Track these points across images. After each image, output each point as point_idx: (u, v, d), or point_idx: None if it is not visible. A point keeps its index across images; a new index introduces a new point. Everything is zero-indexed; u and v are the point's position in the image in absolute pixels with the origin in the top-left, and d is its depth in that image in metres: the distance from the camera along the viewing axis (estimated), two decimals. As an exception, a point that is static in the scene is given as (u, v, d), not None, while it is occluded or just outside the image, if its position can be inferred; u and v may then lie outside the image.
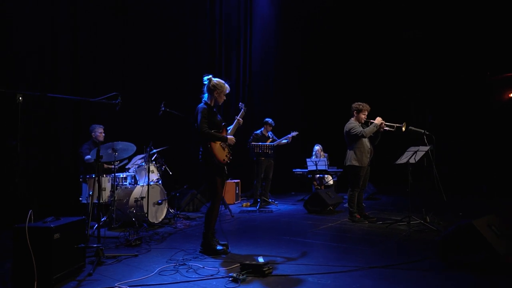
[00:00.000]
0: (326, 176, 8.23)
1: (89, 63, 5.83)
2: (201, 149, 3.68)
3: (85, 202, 4.99)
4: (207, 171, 3.68)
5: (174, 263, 3.25)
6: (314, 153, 8.45)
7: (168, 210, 5.46)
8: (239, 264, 3.05)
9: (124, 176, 5.46)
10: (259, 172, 7.25)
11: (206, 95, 3.77)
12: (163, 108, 5.49)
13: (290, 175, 8.49)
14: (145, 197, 4.90)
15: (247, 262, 3.07)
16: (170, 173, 5.67)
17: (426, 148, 4.62)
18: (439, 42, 9.06)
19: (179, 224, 5.15)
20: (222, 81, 3.81)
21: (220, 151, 3.70)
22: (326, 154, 8.54)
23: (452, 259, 3.08)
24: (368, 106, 5.36)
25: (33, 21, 5.13)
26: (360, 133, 5.12)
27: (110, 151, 4.82)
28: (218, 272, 2.99)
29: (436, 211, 5.25)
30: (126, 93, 5.95)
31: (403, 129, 5.12)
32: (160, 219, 5.20)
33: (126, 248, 3.83)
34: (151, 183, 5.15)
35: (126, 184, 5.39)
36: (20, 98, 3.58)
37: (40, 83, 5.20)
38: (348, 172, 5.36)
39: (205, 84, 3.77)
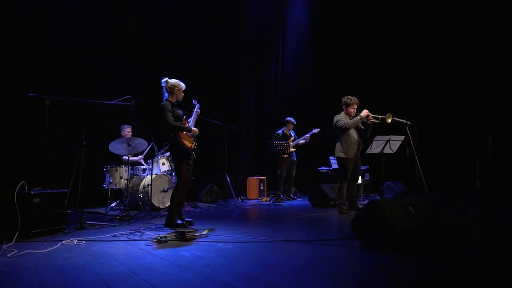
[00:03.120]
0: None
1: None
2: (168, 142, 4.30)
3: (107, 188, 5.99)
4: (174, 157, 4.30)
5: (133, 231, 3.93)
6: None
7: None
8: (176, 233, 3.59)
9: (144, 167, 6.39)
10: (281, 169, 7.62)
11: (166, 95, 4.36)
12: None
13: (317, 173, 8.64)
14: (150, 184, 5.71)
15: (181, 230, 3.59)
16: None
17: (401, 137, 4.58)
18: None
19: (180, 209, 5.85)
20: (177, 81, 4.40)
21: (187, 139, 4.30)
22: (354, 153, 8.50)
23: (363, 237, 3.18)
24: (357, 100, 5.43)
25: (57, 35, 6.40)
26: (344, 125, 5.24)
27: (125, 145, 5.76)
28: (155, 237, 3.56)
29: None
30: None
31: (389, 120, 5.09)
32: (167, 205, 5.96)
33: (116, 221, 4.64)
34: (159, 173, 5.97)
35: (144, 175, 6.31)
36: (48, 102, 4.67)
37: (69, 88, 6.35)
38: (338, 165, 5.49)
39: (163, 86, 4.38)
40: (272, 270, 2.44)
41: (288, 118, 7.90)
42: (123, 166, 6.04)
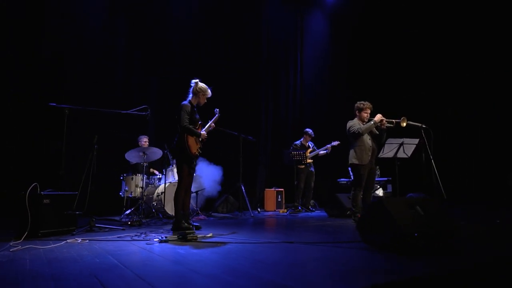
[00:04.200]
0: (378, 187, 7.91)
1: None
2: (175, 139, 4.31)
3: (123, 196, 6.08)
4: (178, 158, 4.32)
5: (139, 233, 3.93)
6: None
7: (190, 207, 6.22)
8: (178, 234, 3.56)
9: (159, 176, 6.46)
10: (298, 181, 7.51)
11: (190, 95, 4.41)
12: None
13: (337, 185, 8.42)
14: (163, 192, 5.75)
15: (184, 232, 3.56)
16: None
17: (415, 140, 4.39)
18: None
19: (194, 218, 5.84)
20: (206, 86, 4.45)
21: (194, 144, 4.30)
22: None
23: (367, 238, 3.02)
24: (370, 104, 5.30)
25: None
26: (357, 131, 5.11)
27: (141, 153, 5.87)
28: (159, 238, 3.54)
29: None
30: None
31: (404, 124, 4.92)
32: (181, 213, 5.96)
33: (126, 226, 4.67)
34: (173, 181, 6.01)
35: (159, 184, 6.37)
36: (67, 111, 4.87)
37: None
38: (351, 172, 5.33)
39: (191, 86, 4.42)
40: (266, 267, 2.35)
41: (306, 130, 7.82)
42: (139, 174, 6.12)
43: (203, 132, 4.39)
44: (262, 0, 9.05)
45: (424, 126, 4.65)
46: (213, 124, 4.61)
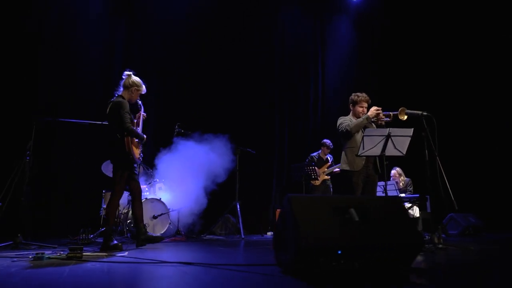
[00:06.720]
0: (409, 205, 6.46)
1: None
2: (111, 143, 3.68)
3: (101, 214, 5.59)
4: (118, 163, 3.68)
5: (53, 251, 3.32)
6: (391, 177, 6.92)
7: (172, 226, 5.54)
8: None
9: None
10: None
11: (121, 89, 3.82)
12: (177, 129, 5.89)
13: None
14: (136, 209, 5.14)
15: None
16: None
17: (408, 131, 3.25)
18: None
19: (167, 239, 5.11)
20: (140, 81, 3.86)
21: (136, 148, 3.74)
22: (407, 179, 6.88)
23: (278, 258, 2.03)
24: (366, 97, 4.21)
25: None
26: (345, 128, 4.04)
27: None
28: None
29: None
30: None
31: (404, 117, 3.76)
32: (159, 233, 5.28)
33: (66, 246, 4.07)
34: (149, 197, 5.40)
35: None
36: (35, 123, 4.62)
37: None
38: (343, 180, 4.22)
39: (123, 78, 3.83)
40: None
41: (324, 141, 6.76)
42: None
43: (145, 136, 3.78)
44: (277, 8, 8.37)
45: (425, 113, 3.48)
46: (144, 114, 4.00)
